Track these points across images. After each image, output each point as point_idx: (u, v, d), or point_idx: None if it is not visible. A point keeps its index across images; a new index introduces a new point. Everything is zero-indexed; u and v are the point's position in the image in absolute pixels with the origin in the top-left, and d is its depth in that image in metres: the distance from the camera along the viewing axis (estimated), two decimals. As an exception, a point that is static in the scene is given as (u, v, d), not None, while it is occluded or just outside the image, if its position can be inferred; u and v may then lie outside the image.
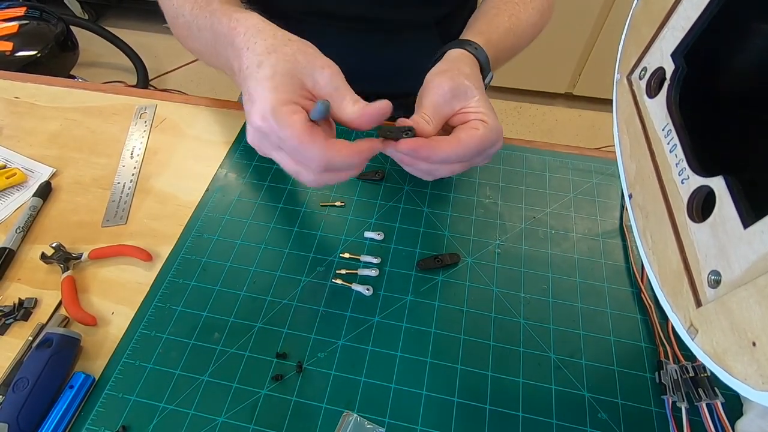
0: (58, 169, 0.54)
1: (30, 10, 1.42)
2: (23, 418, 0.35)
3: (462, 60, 0.40)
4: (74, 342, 0.39)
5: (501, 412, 0.37)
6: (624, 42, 0.33)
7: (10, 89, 0.62)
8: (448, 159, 0.34)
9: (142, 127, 0.58)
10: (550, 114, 1.75)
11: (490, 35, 0.45)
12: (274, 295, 0.43)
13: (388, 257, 0.46)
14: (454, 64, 0.39)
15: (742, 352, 0.18)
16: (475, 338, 0.41)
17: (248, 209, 0.50)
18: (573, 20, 1.43)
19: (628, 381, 0.38)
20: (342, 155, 0.31)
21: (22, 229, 0.47)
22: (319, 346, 0.40)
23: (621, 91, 0.33)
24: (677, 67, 0.26)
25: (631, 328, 0.41)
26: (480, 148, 0.35)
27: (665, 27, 0.28)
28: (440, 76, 0.37)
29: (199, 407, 0.37)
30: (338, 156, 0.31)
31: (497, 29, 0.47)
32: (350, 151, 0.31)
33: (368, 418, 0.37)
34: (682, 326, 0.22)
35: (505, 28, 0.48)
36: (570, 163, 0.53)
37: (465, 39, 0.44)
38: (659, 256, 0.25)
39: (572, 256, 0.46)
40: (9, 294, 0.44)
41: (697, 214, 0.23)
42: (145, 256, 0.45)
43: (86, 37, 1.69)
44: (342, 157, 0.31)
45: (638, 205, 0.28)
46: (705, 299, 0.21)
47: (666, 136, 0.26)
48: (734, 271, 0.20)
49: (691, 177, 0.23)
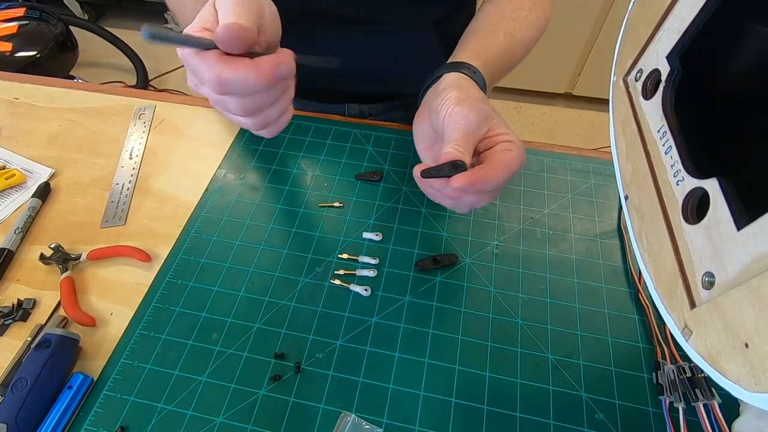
0: (57, 170, 0.54)
1: (29, 11, 1.42)
2: (22, 418, 0.35)
3: (466, 85, 0.40)
4: (73, 342, 0.40)
5: (498, 412, 0.37)
6: (620, 43, 0.34)
7: (9, 90, 0.62)
8: (498, 185, 0.35)
9: (141, 128, 0.58)
10: (550, 114, 1.75)
11: (486, 57, 0.45)
12: (272, 295, 0.44)
13: (387, 258, 0.46)
14: (464, 91, 0.38)
15: (735, 354, 0.18)
16: (473, 339, 0.41)
17: (247, 210, 0.50)
18: (573, 20, 1.43)
19: (625, 381, 0.39)
20: (233, 69, 0.29)
21: (21, 229, 0.47)
22: (317, 347, 0.41)
23: (617, 93, 0.33)
24: (672, 69, 0.27)
25: (628, 328, 0.41)
26: (518, 168, 0.35)
27: (661, 29, 0.28)
28: (461, 105, 0.36)
29: (198, 408, 0.38)
30: (228, 70, 0.29)
31: (493, 49, 0.47)
32: (245, 67, 0.30)
33: (366, 418, 0.37)
34: (677, 327, 0.22)
35: (501, 48, 0.47)
36: (568, 163, 0.53)
37: (461, 62, 0.43)
38: (654, 257, 0.25)
39: (570, 256, 0.46)
40: (8, 295, 0.44)
41: (691, 215, 0.23)
42: (144, 256, 0.45)
43: (86, 38, 1.69)
44: (232, 71, 0.29)
45: (634, 207, 0.28)
46: (699, 300, 0.21)
47: (661, 137, 0.26)
48: (728, 272, 0.20)
49: (686, 179, 0.24)
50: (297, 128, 0.57)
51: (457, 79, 0.40)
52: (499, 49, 0.47)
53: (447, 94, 0.38)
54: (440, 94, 0.38)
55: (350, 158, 0.54)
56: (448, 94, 0.37)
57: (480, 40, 0.47)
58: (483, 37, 0.48)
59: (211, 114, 0.59)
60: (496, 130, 0.37)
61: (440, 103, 0.37)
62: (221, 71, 0.29)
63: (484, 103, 0.37)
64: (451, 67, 0.43)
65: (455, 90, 0.38)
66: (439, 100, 0.38)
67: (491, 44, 0.47)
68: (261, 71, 0.30)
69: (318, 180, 0.52)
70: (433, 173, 0.34)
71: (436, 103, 0.38)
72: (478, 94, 0.39)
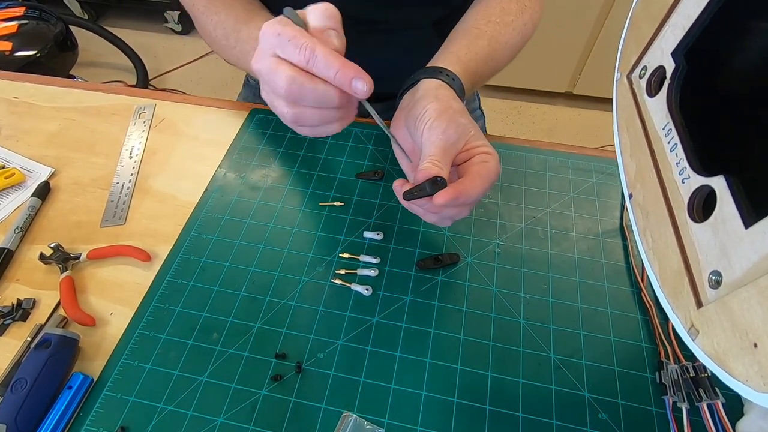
0: (56, 169, 0.54)
1: (29, 10, 1.42)
2: (22, 418, 0.35)
3: (444, 94, 0.39)
4: (73, 342, 0.39)
5: (501, 412, 0.37)
6: (624, 41, 0.33)
7: (8, 89, 0.62)
8: (478, 197, 0.35)
9: (141, 127, 0.58)
10: (551, 113, 1.75)
11: (467, 63, 0.45)
12: (273, 295, 0.43)
13: (388, 257, 0.46)
14: (443, 102, 0.38)
15: (744, 354, 0.18)
16: (475, 338, 0.41)
17: (247, 209, 0.50)
18: (573, 19, 1.43)
19: (628, 381, 0.38)
20: (324, 50, 0.31)
21: (21, 229, 0.47)
22: (318, 347, 0.40)
23: (621, 90, 0.33)
24: (677, 66, 0.26)
25: (631, 328, 0.41)
26: (496, 178, 0.36)
27: (665, 25, 0.28)
28: (440, 119, 0.36)
29: (198, 408, 0.37)
30: (320, 49, 0.31)
31: (476, 55, 0.46)
32: (335, 55, 0.31)
33: (367, 418, 0.37)
34: (683, 327, 0.22)
35: (484, 54, 0.47)
36: (570, 162, 0.53)
37: (440, 67, 0.42)
38: (659, 256, 0.25)
39: (572, 255, 0.46)
40: (7, 294, 0.44)
41: (697, 213, 0.23)
42: (144, 256, 0.45)
43: (86, 37, 1.69)
44: (324, 52, 0.31)
45: (638, 205, 0.28)
46: (706, 300, 0.21)
47: (666, 135, 0.26)
48: (735, 271, 0.19)
49: (691, 176, 0.23)
50: (297, 127, 0.57)
51: (436, 87, 0.40)
52: (483, 55, 0.47)
53: (425, 104, 0.37)
54: (418, 103, 0.38)
55: (351, 157, 0.54)
56: (426, 105, 0.37)
57: (464, 44, 0.47)
58: (467, 40, 0.47)
59: (210, 113, 0.59)
60: (473, 142, 0.37)
61: (419, 114, 0.37)
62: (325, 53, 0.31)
63: (463, 117, 0.37)
64: (430, 72, 0.42)
65: (434, 102, 0.37)
66: (417, 110, 0.38)
67: (475, 50, 0.46)
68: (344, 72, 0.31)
69: (319, 179, 0.52)
70: (416, 194, 0.34)
71: (413, 113, 0.38)
72: (457, 105, 0.38)
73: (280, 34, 0.32)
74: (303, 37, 0.31)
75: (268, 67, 0.33)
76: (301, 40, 0.31)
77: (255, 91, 0.75)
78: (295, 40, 0.31)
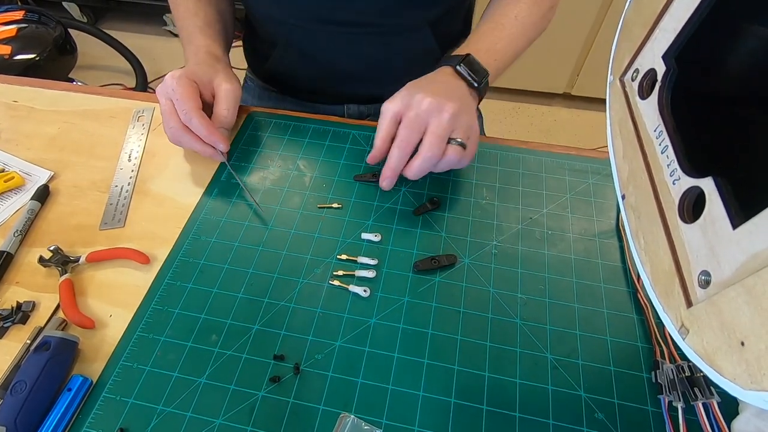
0: (56, 173, 0.54)
1: (28, 14, 1.42)
2: (21, 421, 0.35)
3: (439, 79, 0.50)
4: (72, 345, 0.40)
5: (498, 412, 0.37)
6: (617, 44, 0.34)
7: (8, 93, 0.62)
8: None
9: (140, 130, 0.58)
10: (549, 114, 1.75)
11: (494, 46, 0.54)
12: (271, 297, 0.44)
13: (385, 259, 0.46)
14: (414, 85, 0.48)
15: (732, 352, 0.18)
16: (472, 339, 0.41)
17: (246, 212, 0.50)
18: (571, 20, 1.44)
19: (624, 381, 0.39)
20: (199, 119, 0.48)
21: (20, 232, 0.48)
22: (316, 348, 0.41)
23: (614, 93, 0.33)
24: (668, 69, 0.27)
25: (627, 328, 0.41)
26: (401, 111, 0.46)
27: (656, 28, 0.28)
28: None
29: (197, 409, 0.38)
30: (196, 117, 0.48)
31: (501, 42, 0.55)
32: (208, 123, 0.49)
33: (365, 419, 0.37)
34: (674, 326, 0.22)
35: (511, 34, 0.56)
36: (567, 163, 0.54)
37: (458, 55, 0.51)
38: (651, 256, 0.25)
39: (569, 256, 0.46)
40: (7, 297, 0.44)
41: (687, 214, 0.23)
42: (143, 258, 0.45)
43: (85, 40, 1.69)
44: (199, 121, 0.48)
45: (631, 206, 0.28)
46: (695, 299, 0.21)
47: (658, 137, 0.26)
48: (724, 271, 0.20)
49: (682, 178, 0.24)
50: (295, 129, 0.58)
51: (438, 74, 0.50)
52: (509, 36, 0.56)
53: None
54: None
55: (349, 159, 0.54)
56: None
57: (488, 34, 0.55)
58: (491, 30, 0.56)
59: (209, 116, 0.59)
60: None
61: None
62: (193, 115, 0.48)
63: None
64: (447, 60, 0.51)
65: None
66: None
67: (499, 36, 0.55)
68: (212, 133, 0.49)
69: (317, 181, 0.52)
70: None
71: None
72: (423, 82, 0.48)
73: (174, 90, 0.47)
74: (187, 102, 0.47)
75: (163, 105, 0.49)
76: (185, 105, 0.47)
77: (253, 94, 0.75)
78: (179, 104, 0.48)
